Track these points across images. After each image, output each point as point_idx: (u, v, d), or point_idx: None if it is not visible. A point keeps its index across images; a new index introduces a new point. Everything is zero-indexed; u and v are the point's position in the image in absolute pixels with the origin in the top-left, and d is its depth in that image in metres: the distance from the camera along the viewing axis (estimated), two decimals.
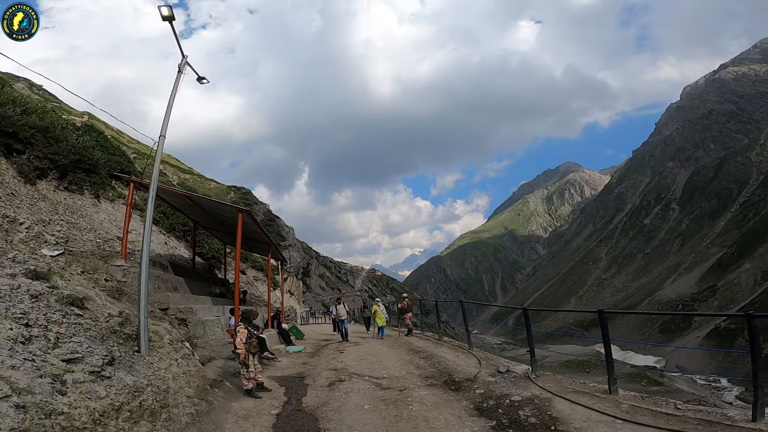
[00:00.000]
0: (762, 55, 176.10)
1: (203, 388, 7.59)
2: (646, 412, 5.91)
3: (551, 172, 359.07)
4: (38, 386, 4.47)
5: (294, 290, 45.03)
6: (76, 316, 6.24)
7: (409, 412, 7.18)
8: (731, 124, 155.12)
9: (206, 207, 14.49)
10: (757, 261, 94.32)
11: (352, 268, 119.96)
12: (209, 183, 70.51)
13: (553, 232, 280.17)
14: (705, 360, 72.63)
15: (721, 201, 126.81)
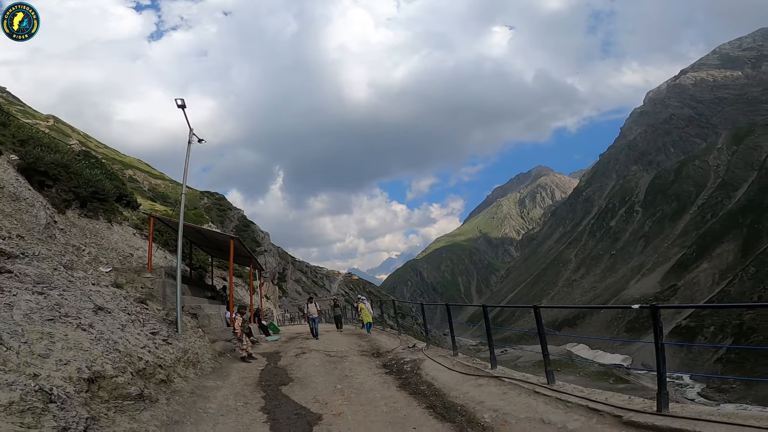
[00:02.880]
0: (720, 60, 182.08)
1: (215, 356, 11.89)
2: (463, 367, 9.44)
3: (523, 176, 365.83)
4: (150, 343, 8.42)
5: (270, 295, 45.42)
6: (144, 310, 10.41)
7: (342, 366, 11.62)
8: (690, 128, 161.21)
9: (205, 234, 19.21)
10: (714, 261, 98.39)
11: (329, 273, 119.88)
12: (181, 188, 69.66)
13: (526, 234, 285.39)
14: (668, 357, 74.62)
15: (681, 203, 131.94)
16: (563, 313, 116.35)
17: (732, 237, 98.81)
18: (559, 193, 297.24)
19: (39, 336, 5.27)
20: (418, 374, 9.59)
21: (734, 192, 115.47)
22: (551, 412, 5.77)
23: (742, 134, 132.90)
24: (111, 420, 5.15)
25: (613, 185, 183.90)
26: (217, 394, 8.16)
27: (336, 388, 8.84)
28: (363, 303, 20.95)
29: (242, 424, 6.54)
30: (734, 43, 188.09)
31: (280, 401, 7.91)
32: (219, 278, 24.60)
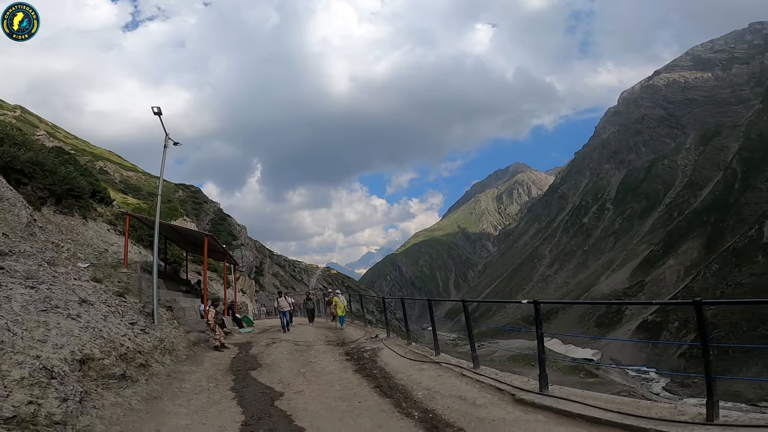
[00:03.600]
0: (692, 62, 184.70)
1: (189, 345, 12.76)
2: (413, 354, 10.93)
3: (501, 172, 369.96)
4: (129, 332, 9.31)
5: (246, 289, 45.64)
6: (123, 302, 11.35)
7: (308, 354, 12.73)
8: (661, 128, 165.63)
9: (180, 231, 20.11)
10: (680, 258, 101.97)
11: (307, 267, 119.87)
12: (155, 181, 67.47)
13: (503, 230, 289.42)
14: (635, 353, 77.25)
15: (649, 201, 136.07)
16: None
17: (697, 235, 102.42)
18: (536, 190, 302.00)
19: (36, 324, 6.21)
20: (374, 360, 10.75)
21: (700, 191, 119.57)
22: (469, 390, 7.02)
23: (710, 135, 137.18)
24: (100, 395, 6.15)
25: (586, 183, 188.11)
26: (191, 377, 9.15)
27: (299, 372, 9.94)
28: (337, 297, 21.23)
29: (213, 400, 7.57)
30: (707, 45, 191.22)
31: (248, 383, 8.94)
32: (194, 272, 25.14)
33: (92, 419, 5.49)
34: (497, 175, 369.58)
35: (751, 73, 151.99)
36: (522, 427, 5.40)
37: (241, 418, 6.56)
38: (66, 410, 5.09)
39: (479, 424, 5.69)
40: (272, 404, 7.32)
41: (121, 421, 5.89)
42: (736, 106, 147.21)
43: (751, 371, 53.66)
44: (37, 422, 4.60)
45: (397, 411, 6.69)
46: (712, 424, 4.40)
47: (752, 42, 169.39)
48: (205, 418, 6.54)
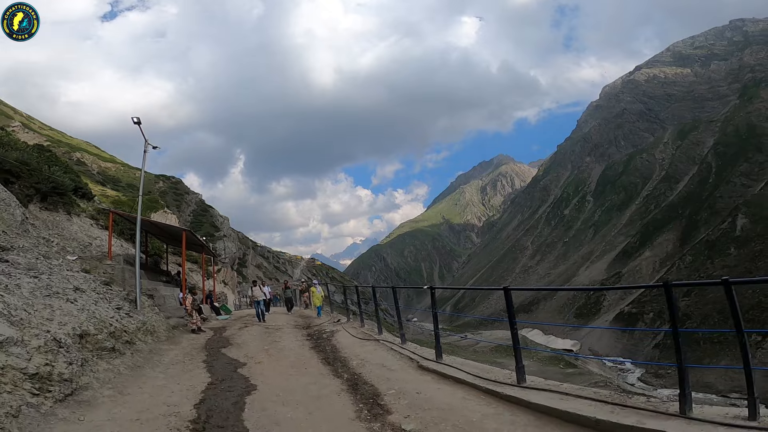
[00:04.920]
0: (673, 58, 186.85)
1: (169, 328, 14.24)
2: (363, 334, 12.79)
3: (486, 164, 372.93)
4: (116, 315, 10.79)
5: (228, 281, 46.33)
6: (109, 290, 12.86)
7: (274, 336, 14.47)
8: (640, 123, 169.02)
9: (160, 226, 21.98)
10: (655, 249, 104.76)
11: (291, 258, 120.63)
12: (134, 172, 66.85)
13: (487, 221, 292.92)
14: (612, 343, 78.92)
15: (628, 194, 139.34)
16: (519, 299, 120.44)
17: (672, 227, 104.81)
18: (519, 182, 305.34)
19: (43, 306, 7.85)
20: (329, 340, 12.62)
21: (676, 184, 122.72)
22: (390, 359, 8.93)
23: (687, 130, 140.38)
24: (95, 362, 7.84)
25: (568, 175, 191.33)
26: (170, 353, 10.85)
27: (263, 349, 11.72)
28: (314, 287, 22.08)
29: (186, 369, 9.28)
30: (687, 41, 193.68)
31: (219, 357, 10.67)
32: (175, 264, 26.32)
33: (90, 379, 7.18)
34: (481, 167, 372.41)
35: (729, 70, 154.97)
36: (413, 383, 7.30)
37: (208, 379, 8.28)
38: (71, 371, 6.76)
39: (386, 381, 7.53)
40: (235, 371, 9.06)
41: (112, 381, 7.58)
42: (713, 102, 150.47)
43: (721, 362, 55.33)
44: (51, 379, 6.27)
45: (332, 374, 8.51)
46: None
47: (732, 39, 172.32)
48: (179, 380, 8.23)
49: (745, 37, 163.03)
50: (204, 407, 6.49)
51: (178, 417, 5.98)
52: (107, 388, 7.21)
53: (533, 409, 5.32)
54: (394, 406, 6.21)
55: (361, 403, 6.52)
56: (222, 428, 5.68)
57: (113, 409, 6.24)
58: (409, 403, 6.26)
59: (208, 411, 6.31)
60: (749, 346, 20.53)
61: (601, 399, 4.96)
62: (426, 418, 5.62)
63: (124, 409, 6.30)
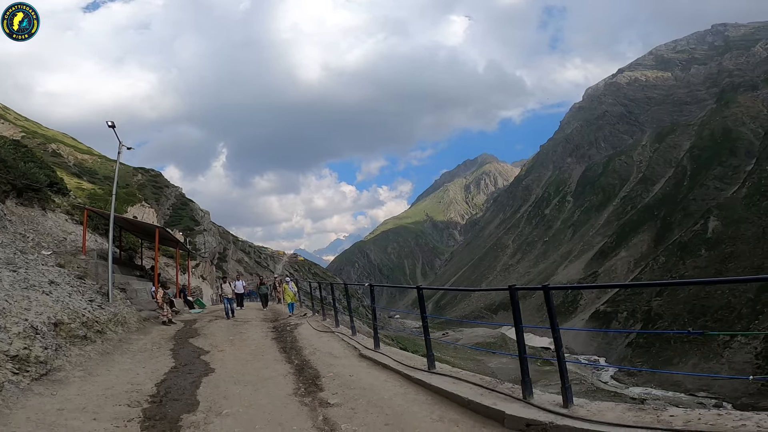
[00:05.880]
0: (655, 61, 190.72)
1: (140, 320, 14.97)
2: (323, 327, 13.77)
3: (470, 163, 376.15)
4: (89, 306, 11.61)
5: (207, 275, 46.43)
6: (83, 284, 13.70)
7: (241, 328, 15.27)
8: (620, 125, 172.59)
9: (134, 223, 22.48)
10: (631, 250, 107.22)
11: (273, 253, 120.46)
12: (112, 164, 65.88)
13: (470, 219, 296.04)
14: (587, 341, 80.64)
15: (606, 195, 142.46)
16: (500, 297, 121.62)
17: (647, 228, 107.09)
18: (502, 181, 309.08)
19: (22, 297, 8.72)
20: (291, 332, 13.60)
21: (652, 186, 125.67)
22: (338, 349, 10.05)
23: (665, 133, 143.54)
24: (68, 348, 8.74)
25: (549, 175, 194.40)
26: (139, 342, 11.75)
27: (228, 339, 12.69)
28: (286, 284, 21.70)
29: (153, 355, 10.21)
30: (670, 45, 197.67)
31: (185, 346, 11.60)
32: (149, 259, 26.79)
33: (63, 362, 8.09)
34: (466, 166, 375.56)
35: (707, 74, 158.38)
36: (350, 368, 8.43)
37: (172, 364, 9.24)
38: (47, 355, 7.67)
39: (329, 367, 8.60)
40: (198, 357, 10.02)
41: (83, 364, 8.49)
42: (691, 106, 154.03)
43: (690, 361, 56.81)
44: (29, 360, 7.18)
45: (285, 361, 9.54)
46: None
47: (712, 43, 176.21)
48: (144, 365, 9.17)
49: (726, 41, 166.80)
50: (164, 386, 7.49)
51: (140, 393, 6.97)
52: (78, 370, 8.12)
53: (433, 390, 6.42)
54: (327, 386, 7.28)
55: (301, 383, 7.58)
56: (177, 401, 6.67)
57: (83, 387, 7.18)
58: (340, 384, 7.34)
59: (167, 388, 7.31)
60: (718, 345, 22.32)
61: (481, 384, 6.10)
62: (349, 395, 6.71)
63: (92, 387, 7.24)
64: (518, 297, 5.76)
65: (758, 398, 44.46)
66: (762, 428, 3.44)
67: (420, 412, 5.75)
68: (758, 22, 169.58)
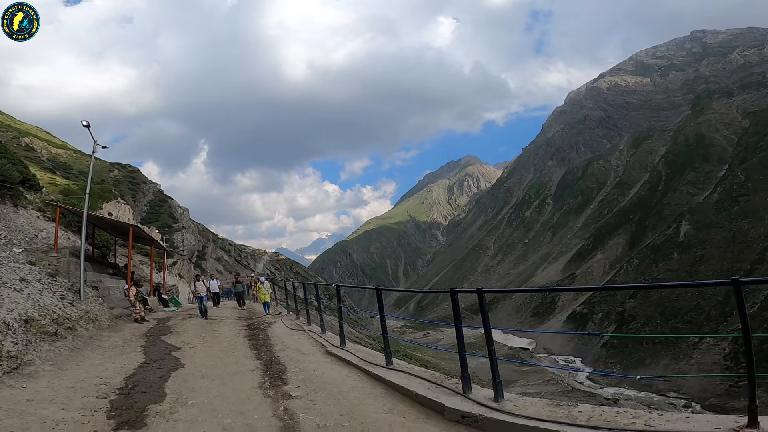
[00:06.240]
0: (635, 67, 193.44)
1: (112, 318, 15.06)
2: (295, 326, 13.98)
3: (453, 164, 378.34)
4: (60, 304, 11.77)
5: (185, 274, 46.02)
6: (54, 281, 13.79)
7: (215, 326, 15.42)
8: (600, 129, 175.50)
9: (108, 221, 22.82)
10: (606, 252, 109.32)
11: (254, 251, 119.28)
12: (87, 159, 64.31)
13: (452, 220, 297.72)
14: (564, 342, 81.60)
15: (584, 198, 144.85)
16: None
17: (622, 231, 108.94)
18: (485, 183, 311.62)
19: None
20: (264, 330, 13.86)
21: (628, 190, 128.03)
22: (307, 346, 10.39)
23: (642, 138, 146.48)
24: (38, 344, 8.91)
25: (530, 178, 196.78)
26: (110, 339, 11.90)
27: (201, 336, 12.92)
28: (261, 283, 21.44)
29: (124, 352, 10.41)
30: (650, 50, 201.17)
31: (157, 343, 11.81)
32: (124, 257, 26.53)
33: (33, 357, 8.28)
34: (449, 167, 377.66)
35: (685, 80, 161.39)
36: (315, 364, 8.80)
37: (142, 360, 9.48)
38: (17, 350, 7.87)
39: (296, 362, 8.95)
40: (169, 353, 10.27)
41: (53, 359, 8.68)
42: (668, 112, 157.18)
43: (661, 362, 58.29)
44: (0, 355, 7.39)
45: (255, 357, 9.85)
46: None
47: (691, 50, 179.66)
48: (114, 360, 9.38)
49: (704, 48, 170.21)
50: (133, 379, 7.75)
51: (108, 386, 7.23)
52: (48, 364, 8.31)
53: (387, 385, 6.88)
54: (291, 380, 7.64)
55: (268, 378, 7.92)
56: (144, 393, 6.95)
57: (52, 380, 7.39)
58: (304, 378, 7.71)
59: (136, 382, 7.58)
60: (688, 347, 23.37)
61: (430, 380, 6.55)
62: (311, 388, 7.09)
63: (61, 380, 7.46)
64: (458, 298, 6.21)
65: (726, 399, 45.67)
66: (649, 426, 3.95)
67: (373, 404, 6.16)
68: (736, 29, 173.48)
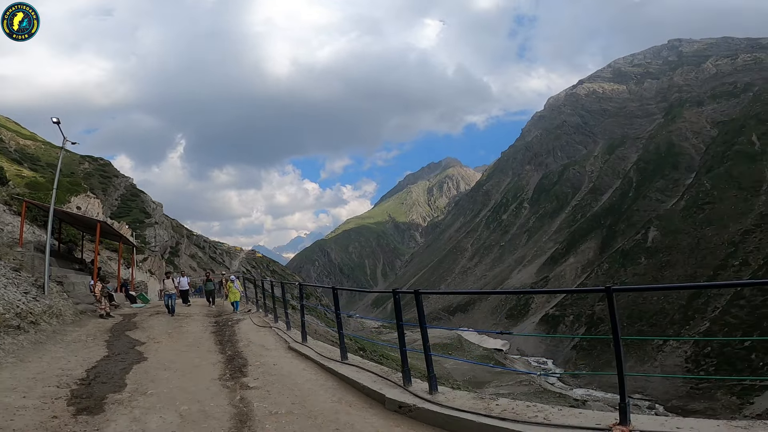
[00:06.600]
0: (612, 74, 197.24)
1: (77, 313, 15.10)
2: (263, 323, 14.33)
3: (434, 165, 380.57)
4: (23, 298, 11.96)
5: (155, 270, 45.44)
6: (18, 276, 13.93)
7: (182, 322, 15.51)
8: (576, 135, 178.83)
9: (75, 216, 22.28)
10: (578, 256, 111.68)
11: (230, 249, 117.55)
12: (57, 150, 62.62)
13: (431, 222, 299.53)
14: (536, 343, 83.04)
15: (559, 203, 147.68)
16: (457, 300, 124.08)
17: (594, 236, 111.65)
18: (464, 185, 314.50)
19: None
20: (232, 326, 14.09)
21: (601, 196, 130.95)
22: (271, 342, 10.73)
23: (615, 145, 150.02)
24: (1, 337, 9.02)
25: (509, 182, 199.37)
26: (74, 334, 11.98)
27: (167, 332, 13.07)
28: (231, 282, 20.98)
29: (87, 346, 10.54)
30: (627, 58, 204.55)
31: (121, 338, 11.93)
32: (91, 252, 25.94)
33: None
34: (430, 168, 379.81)
35: (659, 89, 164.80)
36: (276, 358, 9.19)
37: (105, 353, 9.64)
38: None
39: (258, 357, 9.28)
40: (133, 348, 10.45)
41: (16, 352, 8.82)
42: (642, 119, 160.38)
43: (627, 364, 59.78)
44: None
45: (219, 352, 10.12)
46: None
47: (667, 58, 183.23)
48: (77, 354, 9.53)
49: (679, 57, 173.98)
50: (94, 371, 7.97)
51: (70, 377, 7.43)
52: (11, 357, 8.46)
53: (339, 378, 7.34)
54: (251, 373, 7.97)
55: (228, 371, 8.23)
56: (105, 383, 7.18)
57: (14, 371, 7.56)
58: (263, 371, 8.05)
59: (97, 373, 7.79)
60: (652, 349, 24.57)
61: (378, 374, 7.02)
62: (268, 380, 7.44)
63: (23, 371, 7.63)
64: (399, 297, 6.85)
65: (687, 400, 47.56)
66: (547, 420, 4.47)
67: (324, 395, 6.56)
68: (711, 39, 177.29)
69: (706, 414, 41.95)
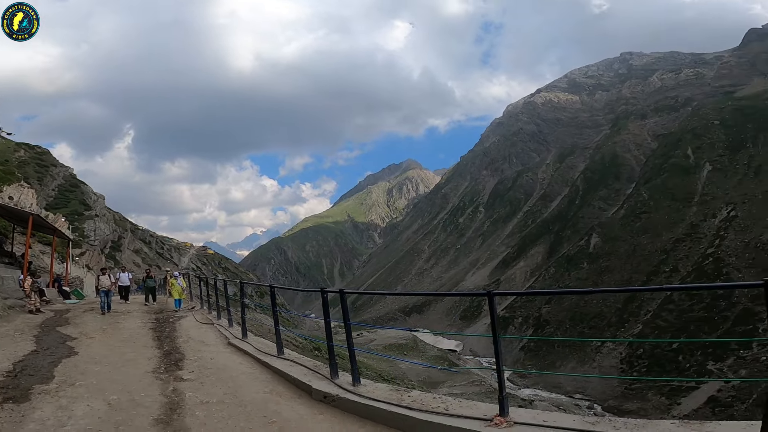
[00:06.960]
0: (568, 84, 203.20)
1: (5, 308, 14.53)
2: (205, 319, 14.15)
3: (395, 167, 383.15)
4: None
5: (93, 265, 43.73)
6: None
7: (119, 318, 15.03)
8: (531, 143, 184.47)
9: (5, 207, 21.46)
10: (528, 260, 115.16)
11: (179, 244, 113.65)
12: None
13: (390, 223, 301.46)
14: (489, 345, 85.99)
15: (512, 208, 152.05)
16: (413, 300, 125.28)
17: (543, 241, 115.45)
18: (423, 188, 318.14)
19: None
20: (173, 323, 13.88)
21: (550, 203, 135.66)
22: (212, 337, 10.78)
23: (566, 154, 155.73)
24: None
25: (466, 186, 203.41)
26: (1, 329, 11.47)
27: (101, 328, 12.73)
28: (174, 279, 20.14)
29: (14, 341, 10.14)
30: (583, 69, 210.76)
31: (52, 334, 11.48)
32: (22, 245, 24.62)
33: None
34: (390, 170, 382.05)
35: (608, 100, 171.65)
36: (214, 353, 9.25)
37: (33, 348, 9.33)
38: None
39: (196, 352, 9.30)
40: (63, 343, 10.15)
41: None
42: (590, 130, 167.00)
43: (569, 365, 62.15)
44: None
45: (156, 347, 10.03)
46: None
47: (618, 71, 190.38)
48: (3, 348, 9.11)
49: (629, 69, 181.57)
50: (21, 364, 7.77)
51: None
52: None
53: (273, 371, 7.59)
54: (187, 367, 8.01)
55: (164, 364, 8.22)
56: (32, 376, 7.06)
57: None
58: (199, 365, 8.11)
59: (24, 366, 7.61)
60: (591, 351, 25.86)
61: (309, 367, 7.29)
62: (203, 373, 7.53)
63: None
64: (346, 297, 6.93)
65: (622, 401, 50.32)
66: (447, 410, 4.91)
67: (257, 386, 6.74)
68: (659, 53, 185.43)
69: (638, 414, 44.47)
